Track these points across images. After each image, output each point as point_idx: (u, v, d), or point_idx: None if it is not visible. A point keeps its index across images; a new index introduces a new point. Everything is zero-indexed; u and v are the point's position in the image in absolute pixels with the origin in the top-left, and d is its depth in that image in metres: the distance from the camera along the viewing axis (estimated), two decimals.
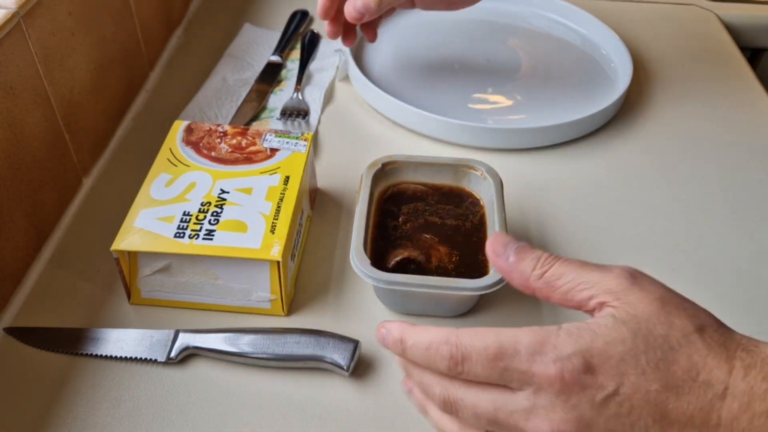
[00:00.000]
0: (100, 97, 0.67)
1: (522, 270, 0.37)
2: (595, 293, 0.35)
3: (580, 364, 0.32)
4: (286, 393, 0.49)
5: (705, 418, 0.32)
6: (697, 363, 0.32)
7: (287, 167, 0.57)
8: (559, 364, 0.33)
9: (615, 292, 0.35)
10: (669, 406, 0.32)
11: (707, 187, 0.67)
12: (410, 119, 0.71)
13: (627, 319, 0.33)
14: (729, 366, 0.32)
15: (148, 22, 0.77)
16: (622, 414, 0.33)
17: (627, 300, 0.34)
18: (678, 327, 0.33)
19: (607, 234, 0.62)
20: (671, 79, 0.81)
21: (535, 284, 0.37)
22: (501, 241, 0.39)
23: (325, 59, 0.82)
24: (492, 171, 0.56)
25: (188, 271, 0.52)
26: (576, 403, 0.33)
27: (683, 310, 0.34)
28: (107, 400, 0.48)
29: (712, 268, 0.59)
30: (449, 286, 0.48)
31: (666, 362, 0.32)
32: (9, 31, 0.52)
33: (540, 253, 0.38)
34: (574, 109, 0.73)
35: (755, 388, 0.32)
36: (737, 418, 0.32)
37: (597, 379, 0.32)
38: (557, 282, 0.36)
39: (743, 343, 0.34)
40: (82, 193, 0.64)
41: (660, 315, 0.34)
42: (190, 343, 0.50)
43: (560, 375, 0.33)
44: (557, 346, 0.33)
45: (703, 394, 0.32)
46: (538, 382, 0.33)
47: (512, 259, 0.38)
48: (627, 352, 0.33)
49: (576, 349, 0.33)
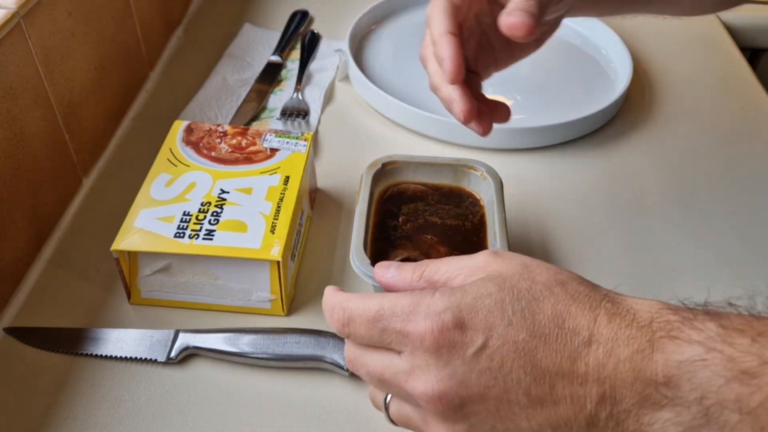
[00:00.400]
0: (100, 97, 0.67)
1: (404, 278, 0.39)
2: (468, 274, 0.37)
3: (450, 319, 0.34)
4: (286, 393, 0.49)
5: (572, 366, 0.33)
6: (561, 312, 0.34)
7: (287, 167, 0.57)
8: (430, 320, 0.34)
9: (482, 267, 0.37)
10: (538, 356, 0.33)
11: (707, 187, 0.67)
12: (410, 119, 0.71)
13: (493, 277, 0.35)
14: (593, 314, 0.33)
15: (148, 22, 0.77)
16: (493, 368, 0.34)
17: (493, 269, 0.36)
18: (541, 281, 0.35)
19: (607, 234, 0.62)
20: (671, 79, 0.81)
21: (418, 285, 0.38)
22: (383, 265, 0.41)
23: (325, 59, 0.82)
24: (492, 171, 0.56)
25: (188, 271, 0.52)
26: (448, 360, 0.34)
27: (546, 269, 0.36)
28: (107, 400, 0.48)
29: (712, 268, 0.59)
30: None
31: (531, 311, 0.34)
32: (9, 31, 0.52)
33: (417, 263, 0.40)
34: (574, 109, 0.73)
35: (619, 334, 0.32)
36: (603, 364, 0.32)
37: (466, 335, 0.34)
38: (435, 276, 0.38)
39: (609, 295, 0.35)
40: (82, 193, 0.64)
41: (523, 273, 0.36)
42: (190, 343, 0.50)
43: (431, 330, 0.34)
44: (430, 305, 0.35)
45: (570, 341, 0.33)
46: (413, 340, 0.35)
47: (393, 273, 0.40)
48: (494, 304, 0.34)
49: (446, 306, 0.34)
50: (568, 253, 0.59)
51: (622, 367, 0.32)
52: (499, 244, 0.51)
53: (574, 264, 0.58)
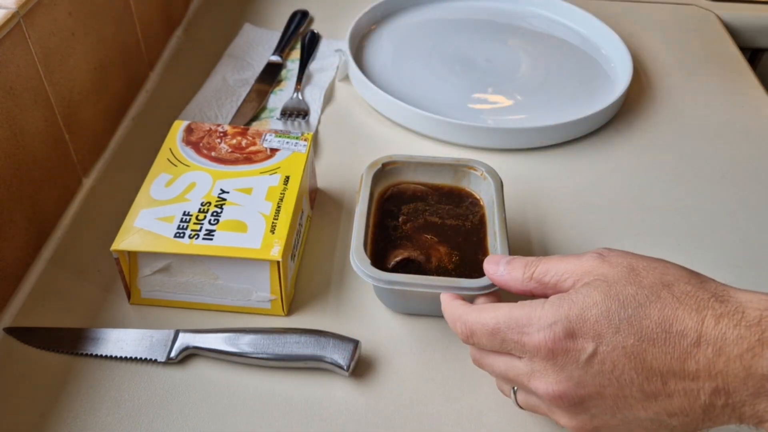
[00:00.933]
0: (100, 97, 0.67)
1: (515, 277, 0.42)
2: (575, 279, 0.39)
3: (561, 330, 0.37)
4: (286, 393, 0.49)
5: (683, 365, 0.34)
6: (668, 316, 0.35)
7: (287, 167, 0.57)
8: (542, 333, 0.37)
9: (588, 272, 0.39)
10: (647, 357, 0.35)
11: (707, 187, 0.67)
12: (410, 119, 0.71)
13: (599, 285, 0.37)
14: (700, 317, 0.35)
15: (148, 22, 0.77)
16: (605, 370, 0.36)
17: (600, 273, 0.38)
18: (646, 285, 0.37)
19: (607, 234, 0.62)
20: (671, 79, 0.81)
21: (529, 285, 0.41)
22: (492, 260, 0.45)
23: (325, 59, 0.82)
24: (492, 171, 0.56)
25: (188, 271, 0.52)
26: (563, 365, 0.37)
27: (652, 269, 0.38)
28: (107, 400, 0.48)
29: (712, 268, 0.59)
30: (449, 286, 0.48)
31: (638, 317, 0.36)
32: (9, 31, 0.52)
33: (527, 259, 0.42)
34: (574, 109, 0.73)
35: (728, 334, 0.34)
36: (713, 362, 0.34)
37: (577, 343, 0.36)
38: (545, 278, 0.40)
39: (716, 292, 0.36)
40: (82, 193, 0.64)
41: (629, 277, 0.37)
42: (190, 343, 0.50)
43: (545, 342, 0.37)
44: (541, 318, 0.38)
45: (678, 342, 0.35)
46: (530, 350, 0.38)
47: (504, 271, 0.43)
48: (601, 313, 0.36)
49: (556, 318, 0.37)
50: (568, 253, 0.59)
51: (733, 365, 0.33)
52: (499, 245, 0.51)
53: None
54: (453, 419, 0.47)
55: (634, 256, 0.39)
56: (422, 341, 0.52)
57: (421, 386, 0.49)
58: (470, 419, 0.47)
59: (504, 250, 0.50)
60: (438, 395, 0.49)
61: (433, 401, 0.48)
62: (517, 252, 0.59)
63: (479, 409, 0.48)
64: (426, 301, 0.52)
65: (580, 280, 0.39)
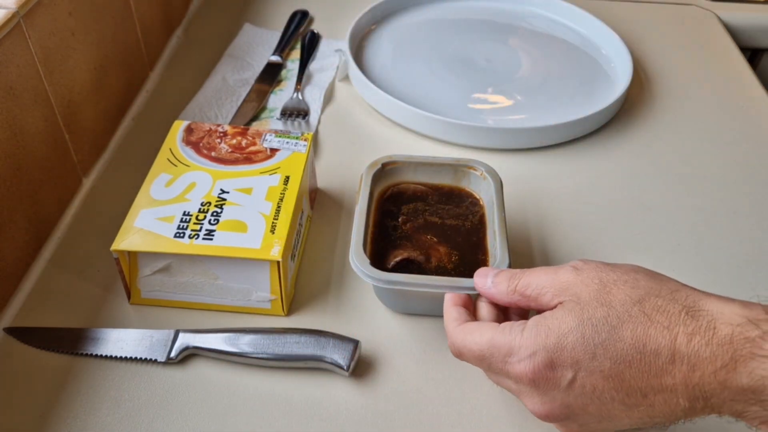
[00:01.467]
0: (100, 97, 0.67)
1: (500, 290, 0.44)
2: (552, 294, 0.41)
3: (541, 361, 0.39)
4: (286, 393, 0.49)
5: (660, 381, 0.36)
6: (640, 336, 0.36)
7: (287, 167, 0.57)
8: (523, 364, 0.39)
9: (564, 289, 0.40)
10: (625, 377, 0.37)
11: (707, 187, 0.67)
12: (410, 119, 0.71)
13: (572, 307, 0.39)
14: (672, 335, 0.36)
15: (148, 22, 0.77)
16: (586, 392, 0.38)
17: (572, 292, 0.40)
18: (617, 304, 0.38)
19: (607, 234, 0.62)
20: (671, 79, 0.81)
21: (514, 298, 0.43)
22: (481, 273, 0.46)
23: (325, 59, 0.82)
24: (492, 171, 0.56)
25: (188, 271, 0.52)
26: (545, 390, 0.39)
27: (622, 284, 0.39)
28: (107, 400, 0.48)
29: (712, 268, 0.59)
30: (448, 286, 0.48)
31: (612, 341, 0.37)
32: (9, 31, 0.52)
33: (512, 271, 0.44)
34: (574, 109, 0.73)
35: (700, 352, 0.35)
36: (689, 376, 0.35)
37: (556, 372, 0.38)
38: (527, 291, 0.42)
39: (687, 303, 0.37)
40: (82, 193, 0.64)
41: (600, 296, 0.38)
42: (190, 343, 0.50)
43: (526, 373, 0.39)
44: (521, 347, 0.39)
45: (653, 361, 0.36)
46: (513, 377, 0.40)
47: (491, 284, 0.44)
48: (576, 340, 0.38)
49: (535, 348, 0.39)
50: (567, 253, 0.59)
51: (708, 379, 0.35)
52: (499, 245, 0.51)
53: None
54: (453, 419, 0.47)
55: (605, 268, 0.40)
56: (422, 341, 0.52)
57: (421, 386, 0.49)
58: (470, 419, 0.47)
59: (503, 250, 0.50)
60: (438, 395, 0.49)
61: (433, 401, 0.48)
62: (517, 251, 0.59)
63: (479, 409, 0.48)
64: (425, 301, 0.52)
65: (557, 296, 0.40)
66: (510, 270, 0.44)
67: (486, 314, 0.45)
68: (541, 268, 0.43)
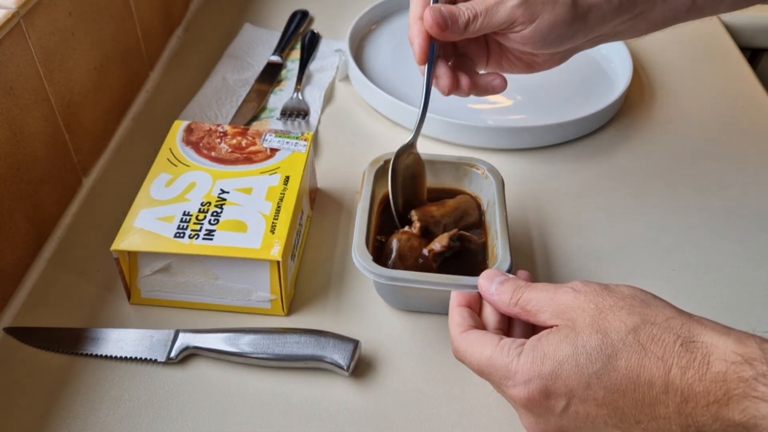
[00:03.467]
0: (100, 97, 0.67)
1: (503, 300, 0.44)
2: (550, 314, 0.41)
3: (536, 389, 0.39)
4: (286, 393, 0.49)
5: (653, 410, 0.36)
6: (634, 367, 0.37)
7: (287, 167, 0.57)
8: (518, 389, 0.40)
9: (561, 311, 0.40)
10: (619, 405, 0.37)
11: (707, 187, 0.67)
12: (410, 119, 0.71)
13: (567, 333, 0.39)
14: (666, 367, 0.36)
15: (148, 22, 0.77)
16: (580, 418, 0.39)
17: (569, 317, 0.40)
18: (612, 331, 0.38)
19: (607, 233, 0.62)
20: (671, 79, 0.81)
21: (514, 310, 0.43)
22: (488, 275, 0.45)
23: (325, 59, 0.82)
24: (494, 170, 0.56)
25: (188, 271, 0.52)
26: (541, 413, 0.40)
27: (618, 310, 0.39)
28: (107, 400, 0.48)
29: (711, 268, 0.59)
30: (452, 284, 0.48)
31: (606, 371, 0.37)
32: (9, 31, 0.52)
33: (517, 283, 0.44)
34: (574, 109, 0.73)
35: (694, 387, 0.35)
36: (682, 407, 0.36)
37: (550, 401, 0.39)
38: (528, 306, 0.42)
39: (681, 333, 0.37)
40: (82, 193, 0.64)
41: (595, 323, 0.38)
42: (190, 343, 0.50)
43: (520, 398, 0.40)
44: (517, 373, 0.40)
45: (647, 392, 0.36)
46: (509, 398, 0.41)
47: (495, 291, 0.44)
48: (571, 369, 0.38)
49: (531, 376, 0.39)
50: (567, 253, 0.59)
51: (701, 411, 0.35)
52: (500, 245, 0.51)
53: (574, 264, 0.58)
54: (453, 419, 0.47)
55: (603, 292, 0.40)
56: (422, 341, 0.52)
57: (421, 386, 0.49)
58: (470, 419, 0.47)
59: (505, 251, 0.50)
60: (438, 395, 0.49)
61: (433, 401, 0.48)
62: (518, 251, 0.59)
63: (479, 409, 0.48)
64: (426, 299, 0.52)
65: (554, 317, 0.40)
66: (516, 280, 0.44)
67: (491, 319, 0.45)
68: (544, 285, 0.43)
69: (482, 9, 0.50)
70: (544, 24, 0.49)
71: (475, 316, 0.45)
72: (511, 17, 0.49)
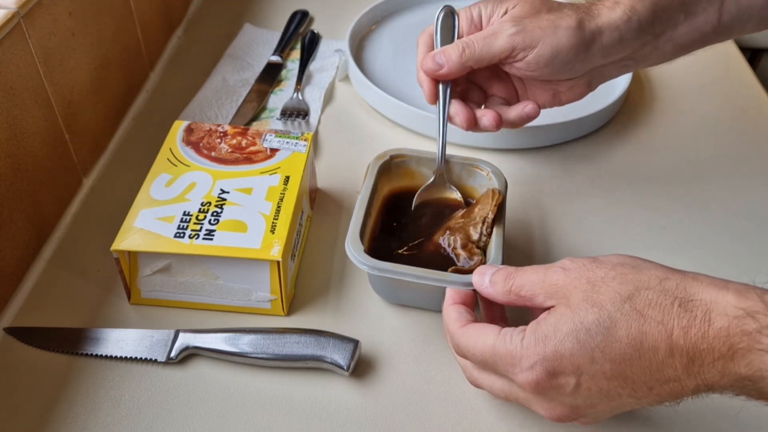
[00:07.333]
0: (100, 97, 0.67)
1: (497, 290, 0.43)
2: (543, 296, 0.41)
3: (542, 372, 0.38)
4: (286, 393, 0.49)
5: (662, 374, 0.36)
6: (635, 335, 0.37)
7: (287, 167, 0.57)
8: (525, 374, 0.39)
9: (554, 292, 0.40)
10: (628, 374, 0.37)
11: (707, 187, 0.67)
12: (410, 119, 0.71)
13: (563, 312, 0.39)
14: (667, 330, 0.36)
15: (148, 22, 0.77)
16: (593, 393, 0.38)
17: (563, 295, 0.40)
18: (608, 303, 0.38)
19: (607, 233, 0.62)
20: (671, 80, 0.81)
21: (510, 298, 0.43)
22: (480, 271, 0.45)
23: (325, 59, 0.82)
24: (498, 172, 0.56)
25: (188, 271, 0.52)
26: (553, 396, 0.40)
27: (611, 280, 0.38)
28: (107, 400, 0.48)
29: (711, 268, 0.59)
30: (444, 279, 0.47)
31: (608, 342, 0.37)
32: (9, 31, 0.52)
33: (507, 270, 0.44)
34: (574, 109, 0.72)
35: (698, 345, 0.35)
36: (688, 366, 0.36)
37: (559, 380, 0.39)
38: (521, 291, 0.42)
39: (678, 294, 0.37)
40: (82, 193, 0.64)
41: (589, 297, 0.38)
42: (190, 343, 0.50)
43: (529, 384, 0.39)
44: (522, 358, 0.39)
45: (653, 357, 0.36)
46: (519, 385, 0.40)
47: (489, 284, 0.44)
48: (573, 346, 0.38)
49: (536, 359, 0.39)
50: (567, 253, 0.59)
51: (707, 369, 0.35)
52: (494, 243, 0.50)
53: None
54: (453, 419, 0.47)
55: (592, 266, 0.40)
56: (423, 341, 0.52)
57: (421, 386, 0.49)
58: (470, 419, 0.47)
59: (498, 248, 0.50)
60: (438, 395, 0.49)
61: (433, 401, 0.48)
62: (519, 251, 0.59)
63: (479, 409, 0.48)
64: (418, 293, 0.52)
65: (548, 299, 0.40)
66: (506, 268, 0.44)
67: (487, 315, 0.45)
68: (533, 267, 0.42)
69: (478, 38, 0.53)
70: (546, 49, 0.51)
71: (471, 313, 0.45)
72: (510, 45, 0.51)
